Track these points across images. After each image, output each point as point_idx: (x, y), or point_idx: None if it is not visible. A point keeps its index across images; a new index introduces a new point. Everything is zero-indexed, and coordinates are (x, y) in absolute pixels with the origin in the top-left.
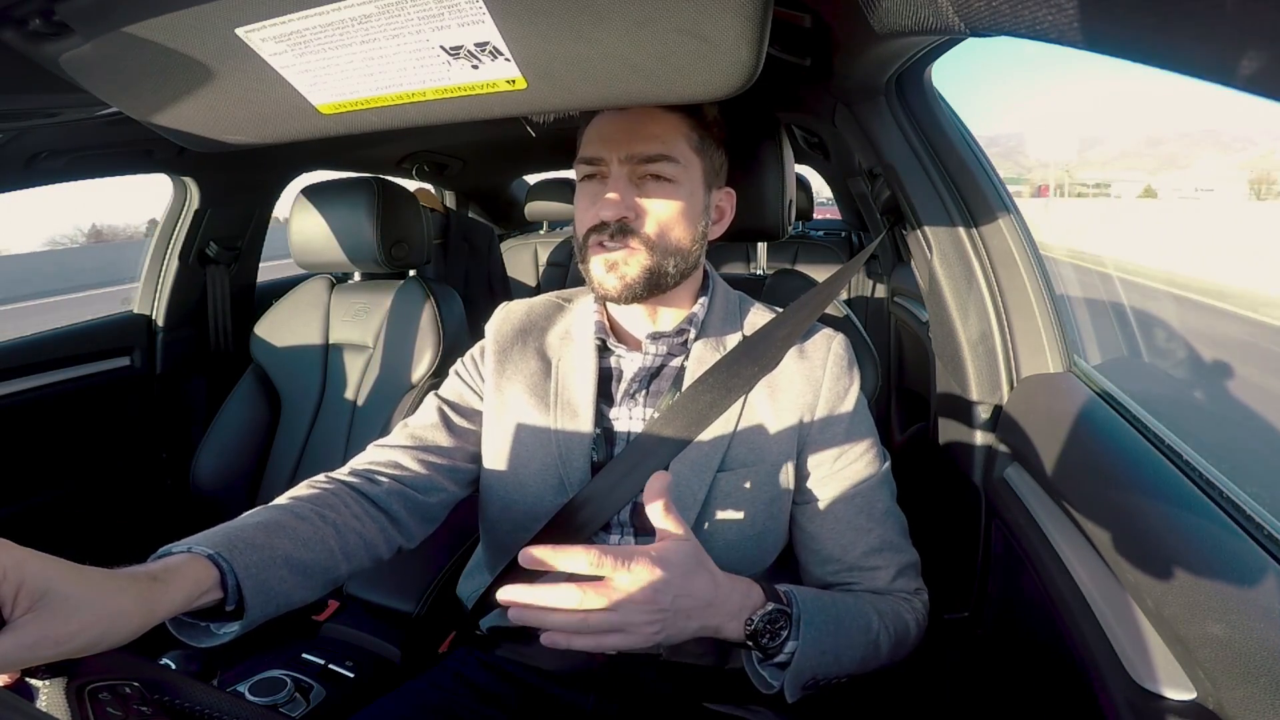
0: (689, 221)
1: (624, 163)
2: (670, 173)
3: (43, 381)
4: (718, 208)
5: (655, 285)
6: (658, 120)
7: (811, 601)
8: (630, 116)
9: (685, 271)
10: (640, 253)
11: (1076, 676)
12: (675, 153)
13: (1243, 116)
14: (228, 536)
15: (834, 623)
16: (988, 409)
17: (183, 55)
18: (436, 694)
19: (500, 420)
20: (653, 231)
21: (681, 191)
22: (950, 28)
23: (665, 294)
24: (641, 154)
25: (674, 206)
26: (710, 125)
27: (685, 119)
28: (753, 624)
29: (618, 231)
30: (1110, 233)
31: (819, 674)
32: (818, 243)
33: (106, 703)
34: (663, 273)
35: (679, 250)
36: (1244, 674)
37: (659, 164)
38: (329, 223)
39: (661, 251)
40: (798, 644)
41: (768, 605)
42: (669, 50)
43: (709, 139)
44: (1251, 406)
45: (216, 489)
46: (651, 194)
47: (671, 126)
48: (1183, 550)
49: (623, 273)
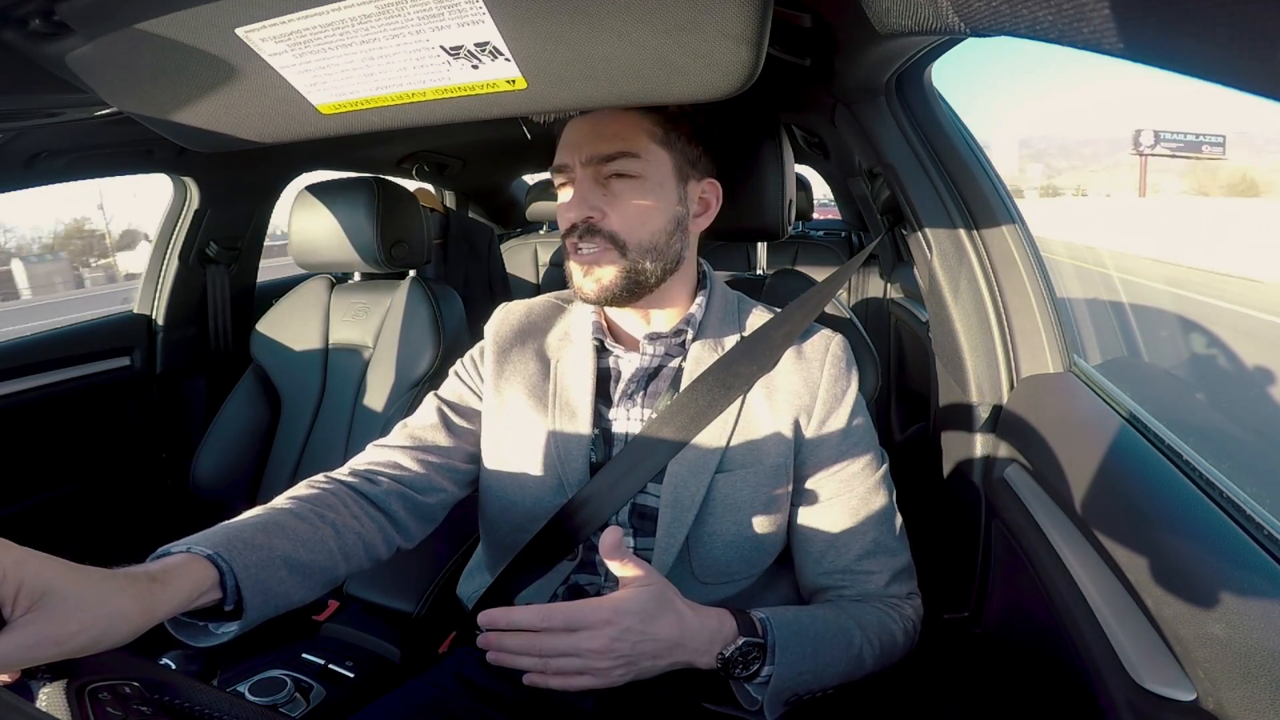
0: (660, 216)
1: (587, 165)
2: (633, 169)
3: (43, 381)
4: (700, 199)
5: (635, 286)
6: (618, 119)
7: (789, 626)
8: (593, 119)
9: (667, 269)
10: (612, 253)
11: (1076, 676)
12: (636, 148)
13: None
14: (227, 537)
15: (812, 643)
16: (988, 409)
17: (183, 55)
18: (436, 694)
19: (499, 421)
20: (620, 229)
21: (647, 186)
22: (950, 28)
23: (655, 294)
24: (601, 154)
25: (640, 202)
26: (679, 119)
27: (647, 115)
28: (724, 656)
29: (586, 232)
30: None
31: (799, 691)
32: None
33: (106, 703)
34: (639, 271)
35: (653, 247)
36: (1244, 674)
37: (619, 161)
38: (329, 223)
39: (636, 250)
40: (774, 668)
41: (739, 640)
42: (669, 50)
43: (676, 132)
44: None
45: (216, 489)
46: (617, 192)
47: (631, 124)
48: (1183, 550)
49: (598, 276)
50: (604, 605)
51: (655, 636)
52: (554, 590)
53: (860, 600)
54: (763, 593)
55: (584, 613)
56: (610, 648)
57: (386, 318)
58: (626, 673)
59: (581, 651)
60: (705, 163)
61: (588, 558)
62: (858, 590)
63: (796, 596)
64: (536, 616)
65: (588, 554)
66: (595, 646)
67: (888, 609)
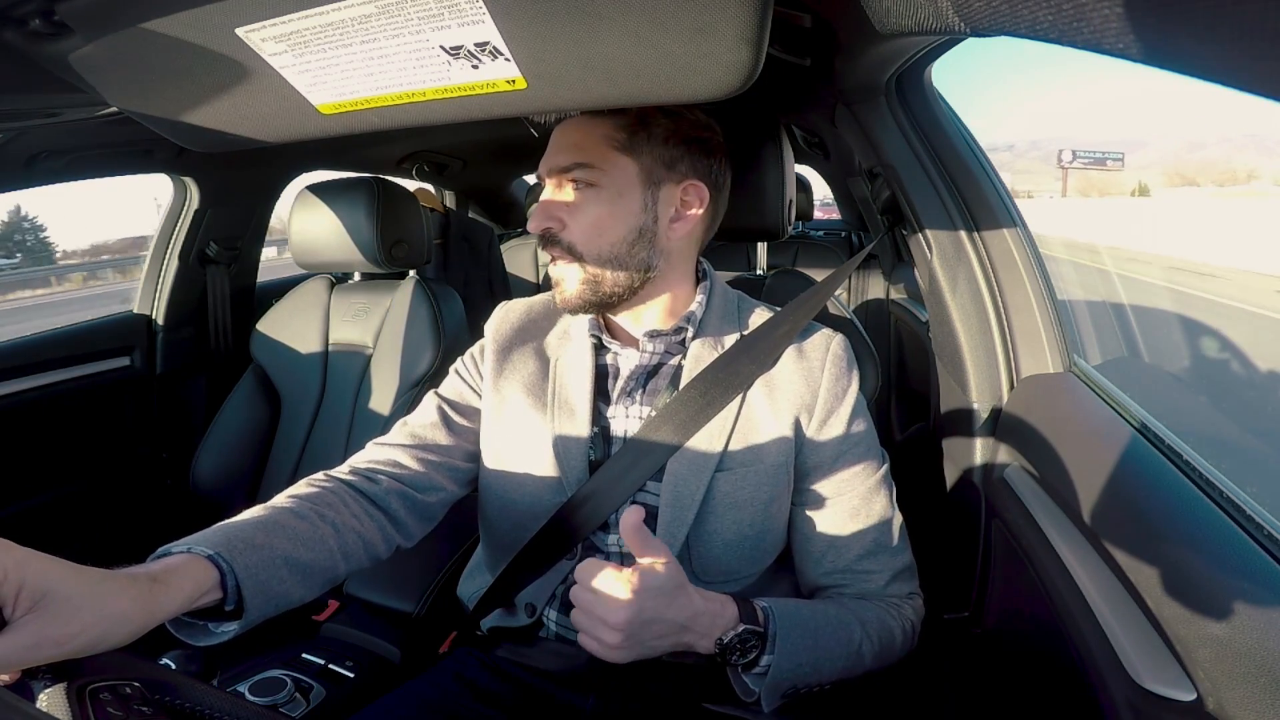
0: (619, 224)
1: (549, 175)
2: (589, 178)
3: (43, 381)
4: (682, 201)
5: (598, 295)
6: (579, 128)
7: (790, 616)
8: (560, 129)
9: (634, 279)
10: (572, 264)
11: (1076, 676)
12: (591, 158)
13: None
14: (227, 536)
15: (812, 636)
16: (988, 409)
17: (183, 55)
18: (436, 694)
19: (499, 419)
20: (577, 238)
21: (603, 195)
22: (950, 28)
23: (649, 294)
24: (557, 165)
25: (594, 210)
26: (649, 121)
27: (607, 121)
28: (723, 642)
29: (548, 242)
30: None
31: (798, 683)
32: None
33: (107, 703)
34: (600, 281)
35: (612, 257)
36: (1244, 674)
37: (575, 172)
38: (329, 223)
39: (594, 261)
40: (773, 658)
41: (739, 627)
42: (669, 50)
43: (642, 135)
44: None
45: (216, 489)
46: (572, 200)
47: (589, 132)
48: (1183, 550)
49: (562, 287)
50: (628, 581)
51: (665, 618)
52: (554, 589)
53: (861, 598)
54: (763, 592)
55: (605, 582)
56: (624, 623)
57: (387, 318)
58: (629, 652)
59: (593, 620)
60: (687, 163)
61: (588, 556)
62: (857, 590)
63: (797, 595)
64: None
65: (587, 553)
66: (612, 620)
67: (888, 608)
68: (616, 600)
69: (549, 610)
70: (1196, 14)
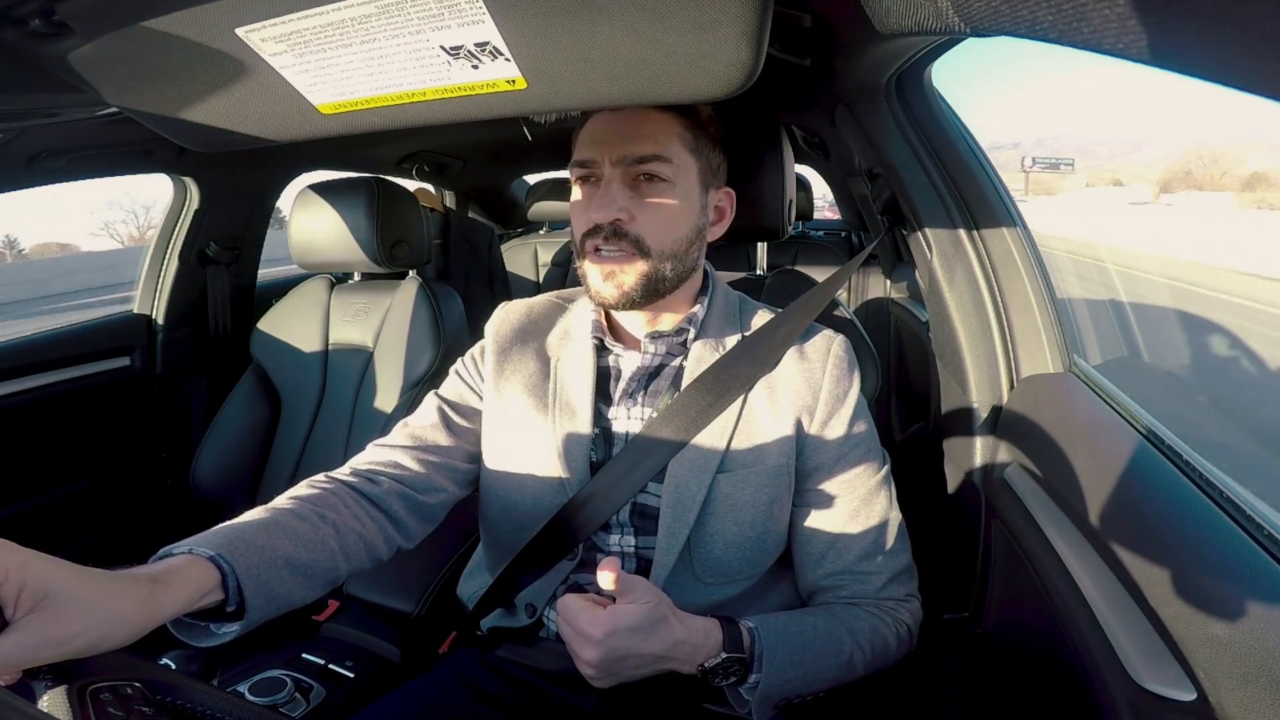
0: (685, 222)
1: (617, 164)
2: (665, 173)
3: (43, 382)
4: (717, 208)
5: (653, 291)
6: (651, 120)
7: (777, 633)
8: (623, 117)
9: (683, 275)
10: (636, 259)
11: (1076, 676)
12: (669, 153)
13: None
14: (228, 537)
15: (800, 651)
16: (988, 409)
17: (183, 55)
18: (436, 694)
19: (499, 420)
20: (647, 234)
21: (677, 192)
22: (950, 28)
23: (663, 298)
24: (634, 154)
25: (669, 207)
26: (705, 125)
27: (678, 119)
28: (705, 667)
29: (611, 234)
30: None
31: (788, 695)
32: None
33: (108, 703)
34: (660, 278)
35: (675, 253)
36: (1244, 674)
37: (652, 164)
38: (329, 223)
39: (658, 255)
40: (760, 675)
41: (720, 655)
42: (669, 50)
43: (704, 138)
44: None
45: (216, 489)
46: (646, 195)
47: (665, 126)
48: (1183, 550)
49: (620, 280)
50: (601, 621)
51: (641, 653)
52: (554, 590)
53: (855, 603)
54: (764, 593)
55: (581, 620)
56: (596, 661)
57: (387, 318)
58: (606, 682)
59: (572, 651)
60: (724, 171)
61: (588, 557)
62: (856, 590)
63: (797, 596)
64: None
65: (588, 554)
66: (585, 657)
67: (881, 614)
68: (591, 638)
69: (549, 610)
70: (1196, 14)
